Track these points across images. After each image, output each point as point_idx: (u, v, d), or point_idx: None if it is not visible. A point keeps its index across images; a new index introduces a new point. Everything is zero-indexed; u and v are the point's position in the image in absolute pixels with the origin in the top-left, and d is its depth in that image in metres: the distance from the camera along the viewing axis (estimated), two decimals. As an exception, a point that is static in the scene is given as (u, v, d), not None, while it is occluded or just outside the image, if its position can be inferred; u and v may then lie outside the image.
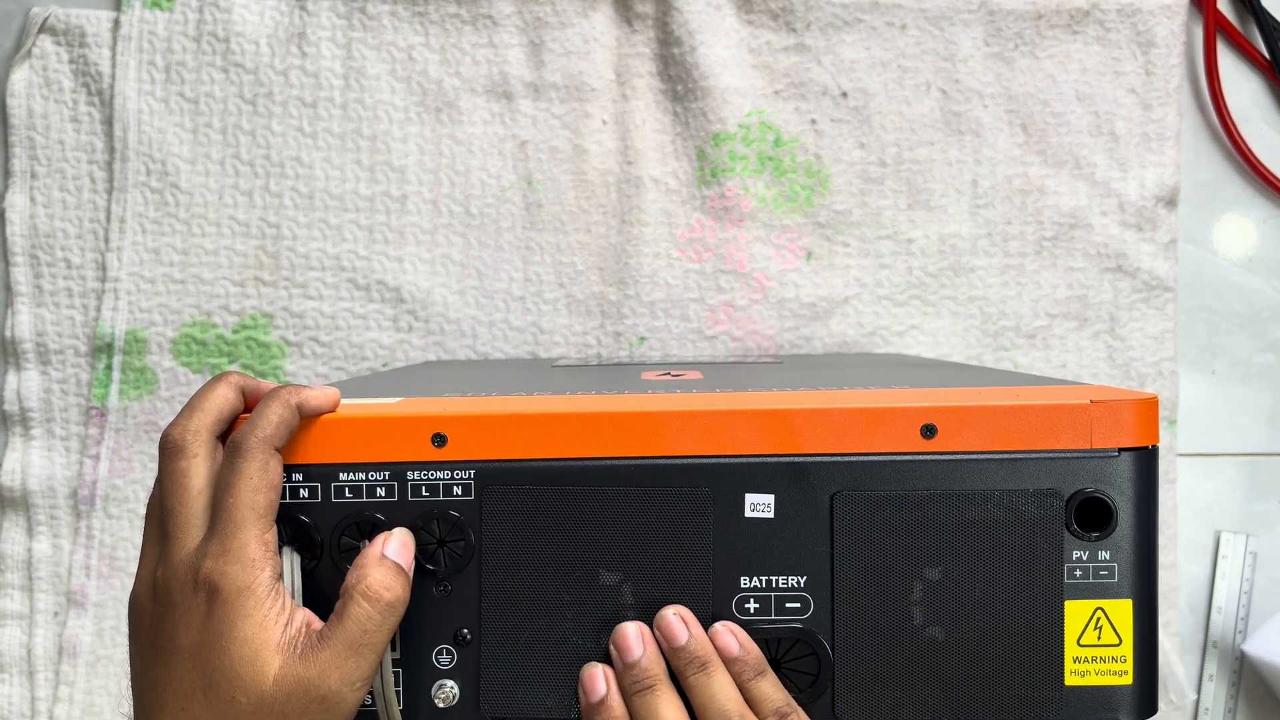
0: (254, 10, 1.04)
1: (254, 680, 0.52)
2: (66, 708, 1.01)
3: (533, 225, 1.05)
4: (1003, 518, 0.57)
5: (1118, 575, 0.57)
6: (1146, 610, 0.57)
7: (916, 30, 1.05)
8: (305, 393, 0.57)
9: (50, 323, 1.04)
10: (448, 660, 0.58)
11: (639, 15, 1.05)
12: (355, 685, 0.53)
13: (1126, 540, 0.57)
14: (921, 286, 1.06)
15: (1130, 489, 0.57)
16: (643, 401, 0.58)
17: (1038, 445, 0.57)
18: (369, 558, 0.55)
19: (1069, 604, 0.57)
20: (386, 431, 0.57)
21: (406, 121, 1.05)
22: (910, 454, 0.57)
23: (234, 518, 0.54)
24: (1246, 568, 1.06)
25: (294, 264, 1.04)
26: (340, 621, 0.53)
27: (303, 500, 0.58)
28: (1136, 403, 0.57)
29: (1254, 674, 1.05)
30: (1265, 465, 1.07)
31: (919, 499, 0.56)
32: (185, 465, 0.55)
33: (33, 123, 1.04)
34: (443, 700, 0.58)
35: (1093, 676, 0.57)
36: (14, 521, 1.04)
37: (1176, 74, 1.06)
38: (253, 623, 0.53)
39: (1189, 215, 1.08)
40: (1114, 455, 0.57)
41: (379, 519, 0.57)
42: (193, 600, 0.53)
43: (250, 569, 0.53)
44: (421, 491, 0.57)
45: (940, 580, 0.57)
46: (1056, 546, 0.57)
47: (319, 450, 0.57)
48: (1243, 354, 1.08)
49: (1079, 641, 0.57)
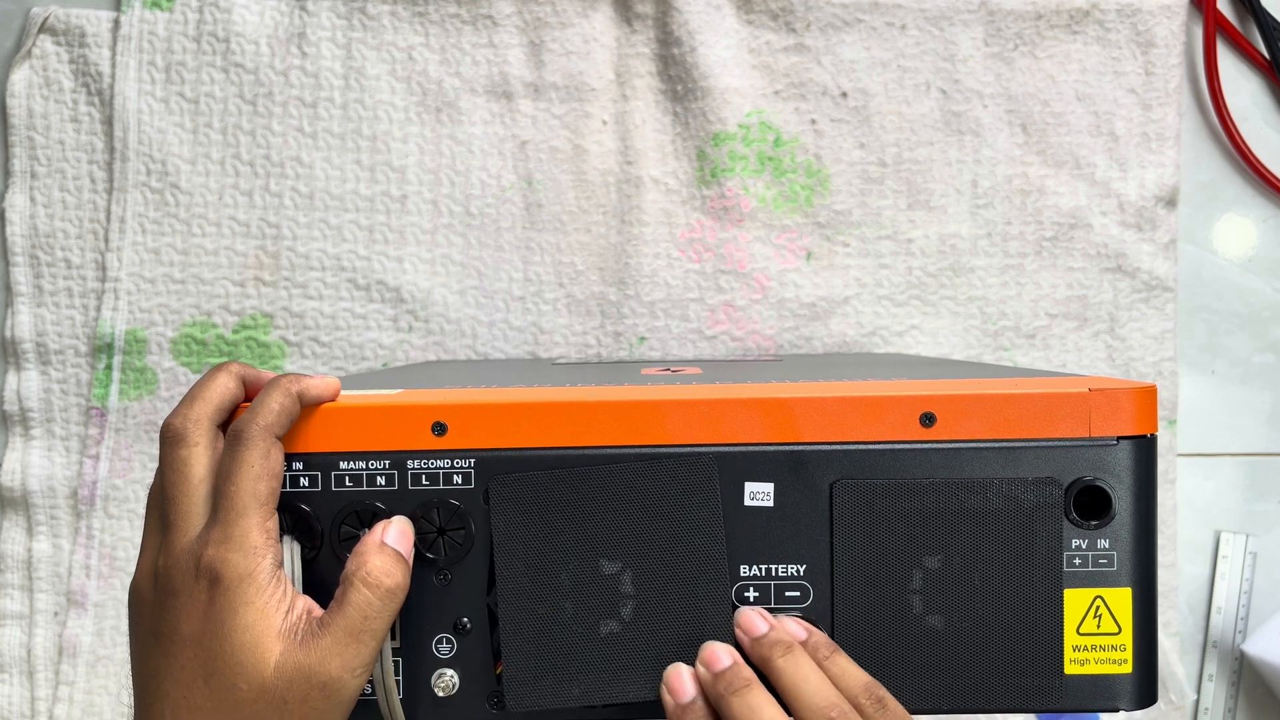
0: (254, 10, 1.05)
1: (255, 667, 0.52)
2: (66, 708, 1.01)
3: (533, 225, 1.05)
4: (1002, 506, 0.57)
5: (1117, 564, 0.57)
6: (1146, 599, 0.57)
7: (916, 30, 1.05)
8: (306, 381, 0.57)
9: (50, 323, 1.04)
10: (448, 649, 0.58)
11: (639, 15, 1.05)
12: (356, 672, 0.53)
13: (1125, 529, 0.57)
14: (921, 286, 1.06)
15: (1129, 477, 0.57)
16: (642, 392, 0.58)
17: (1037, 434, 0.57)
18: (369, 545, 0.55)
19: (1068, 592, 0.57)
20: (387, 420, 0.57)
21: (406, 121, 1.05)
22: (909, 443, 0.57)
23: (235, 505, 0.54)
24: (1246, 568, 1.06)
25: (294, 264, 1.04)
26: (340, 608, 0.54)
27: (303, 489, 0.58)
28: (1135, 391, 0.57)
29: (1254, 674, 1.05)
30: (1265, 465, 1.07)
31: (918, 488, 0.56)
32: (186, 454, 0.55)
33: (33, 123, 1.04)
34: (443, 689, 0.58)
35: (1092, 665, 0.57)
36: (14, 521, 1.03)
37: (1176, 74, 1.06)
38: (254, 610, 0.53)
39: (1189, 215, 1.08)
40: (1113, 444, 0.57)
41: (379, 508, 0.57)
42: (194, 588, 0.53)
43: (252, 556, 0.53)
44: (422, 480, 0.57)
45: (939, 569, 0.57)
46: (1056, 535, 0.57)
47: (319, 439, 0.57)
48: (1242, 354, 1.08)
49: (1078, 630, 0.57)
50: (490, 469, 0.57)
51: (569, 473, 0.57)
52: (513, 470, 0.57)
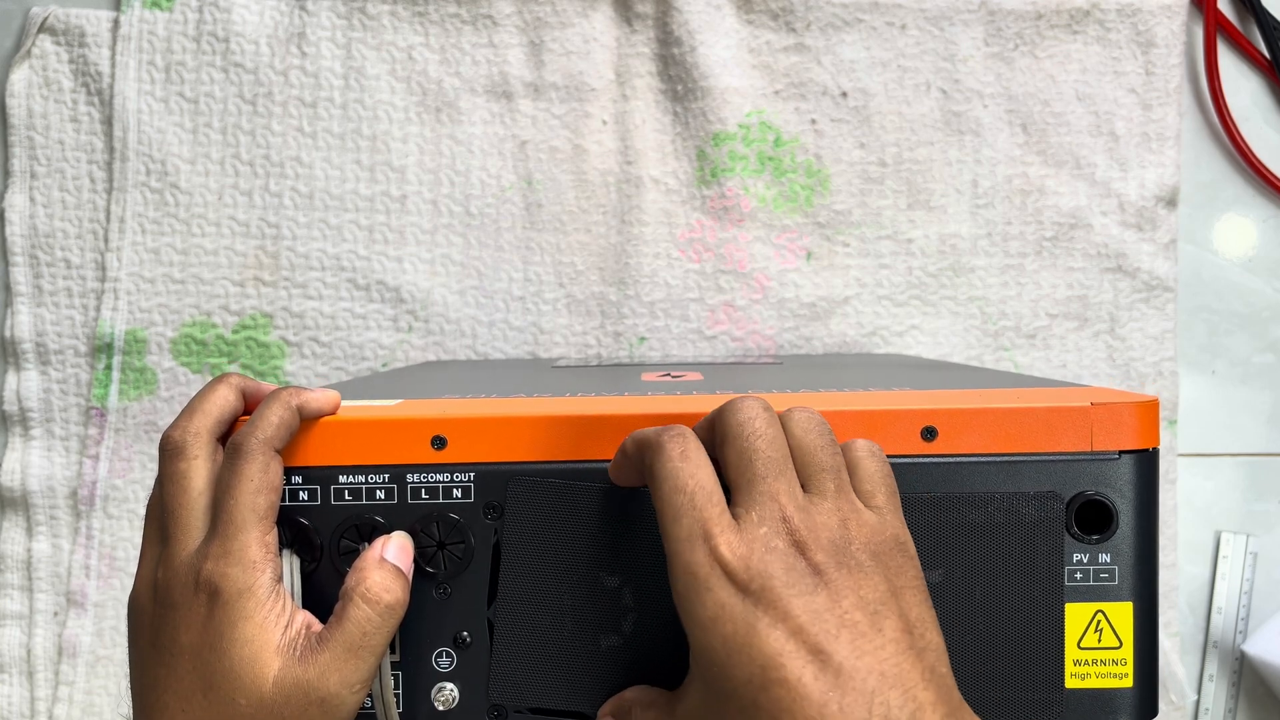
0: (254, 10, 1.04)
1: (254, 682, 0.52)
2: (66, 708, 1.01)
3: (533, 225, 1.05)
4: (1003, 520, 0.56)
5: (1118, 578, 0.57)
6: (1147, 613, 0.57)
7: (916, 30, 1.05)
8: (306, 395, 0.57)
9: (50, 323, 1.04)
10: (447, 663, 0.58)
11: (639, 15, 1.05)
12: (354, 687, 0.53)
13: (1127, 543, 0.57)
14: (921, 286, 1.05)
15: (1131, 491, 0.56)
16: (643, 404, 0.58)
17: (1038, 448, 0.56)
18: (368, 560, 0.55)
19: (1069, 606, 0.57)
20: (386, 434, 0.57)
21: (406, 121, 1.05)
22: (910, 456, 0.57)
23: (235, 519, 0.54)
24: (1247, 568, 1.06)
25: (294, 264, 1.04)
26: (339, 623, 0.53)
27: (302, 503, 0.57)
28: (1137, 405, 0.56)
29: (1254, 674, 1.05)
30: (1265, 465, 1.07)
31: (919, 501, 0.56)
32: (186, 467, 0.55)
33: (32, 122, 1.04)
34: (443, 703, 0.58)
35: (1093, 679, 0.57)
36: (14, 521, 1.03)
37: (1177, 74, 1.06)
38: (253, 624, 0.53)
39: (1189, 215, 1.08)
40: (1114, 458, 0.56)
41: (379, 521, 0.57)
42: (193, 601, 0.53)
43: (251, 571, 0.53)
44: (421, 494, 0.57)
45: (940, 583, 0.57)
46: (1057, 549, 0.56)
47: (319, 453, 0.57)
48: (1243, 354, 1.07)
49: (1079, 644, 0.57)
50: (490, 482, 0.57)
51: (585, 486, 0.56)
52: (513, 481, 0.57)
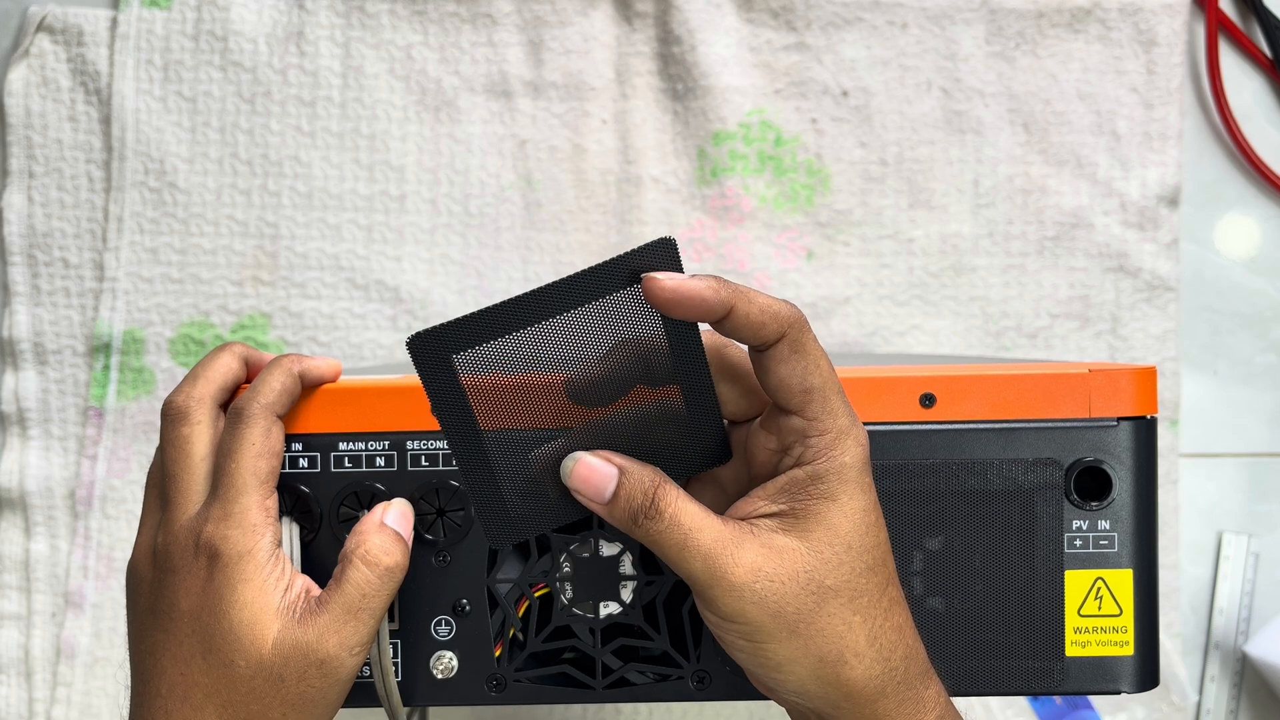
0: (252, 9, 1.04)
1: (253, 644, 0.53)
2: (64, 709, 1.01)
3: (532, 225, 1.05)
4: (1002, 487, 0.56)
5: (1118, 545, 0.57)
6: (1147, 580, 0.57)
7: (917, 29, 1.05)
8: (308, 361, 0.58)
9: (48, 322, 1.03)
10: (447, 631, 0.58)
11: (639, 14, 1.05)
12: (353, 650, 0.54)
13: (1126, 510, 0.57)
14: (923, 286, 1.05)
15: (1129, 458, 0.56)
16: None
17: (1037, 415, 0.56)
18: (368, 524, 0.55)
19: (1069, 574, 0.57)
20: (387, 401, 0.57)
21: (405, 120, 1.05)
22: (909, 423, 0.57)
23: (236, 483, 0.54)
24: (1249, 569, 1.05)
25: (292, 263, 1.04)
26: (339, 586, 0.54)
27: (302, 470, 0.58)
28: (1135, 372, 0.57)
29: (1256, 675, 1.05)
30: (1267, 466, 1.07)
31: (918, 469, 0.56)
32: (188, 431, 0.56)
33: (30, 122, 1.04)
34: (441, 671, 0.58)
35: (1094, 647, 0.57)
36: (11, 522, 1.03)
37: (1178, 73, 1.06)
38: (252, 587, 0.53)
39: (1191, 215, 1.08)
40: (1113, 425, 0.56)
41: (378, 489, 0.57)
42: (193, 565, 0.54)
43: (251, 534, 0.54)
44: (421, 461, 0.57)
45: (940, 550, 0.57)
46: (1056, 516, 0.56)
47: (319, 420, 0.58)
48: (1245, 354, 1.07)
49: (1079, 612, 0.57)
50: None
51: (495, 308, 0.49)
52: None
